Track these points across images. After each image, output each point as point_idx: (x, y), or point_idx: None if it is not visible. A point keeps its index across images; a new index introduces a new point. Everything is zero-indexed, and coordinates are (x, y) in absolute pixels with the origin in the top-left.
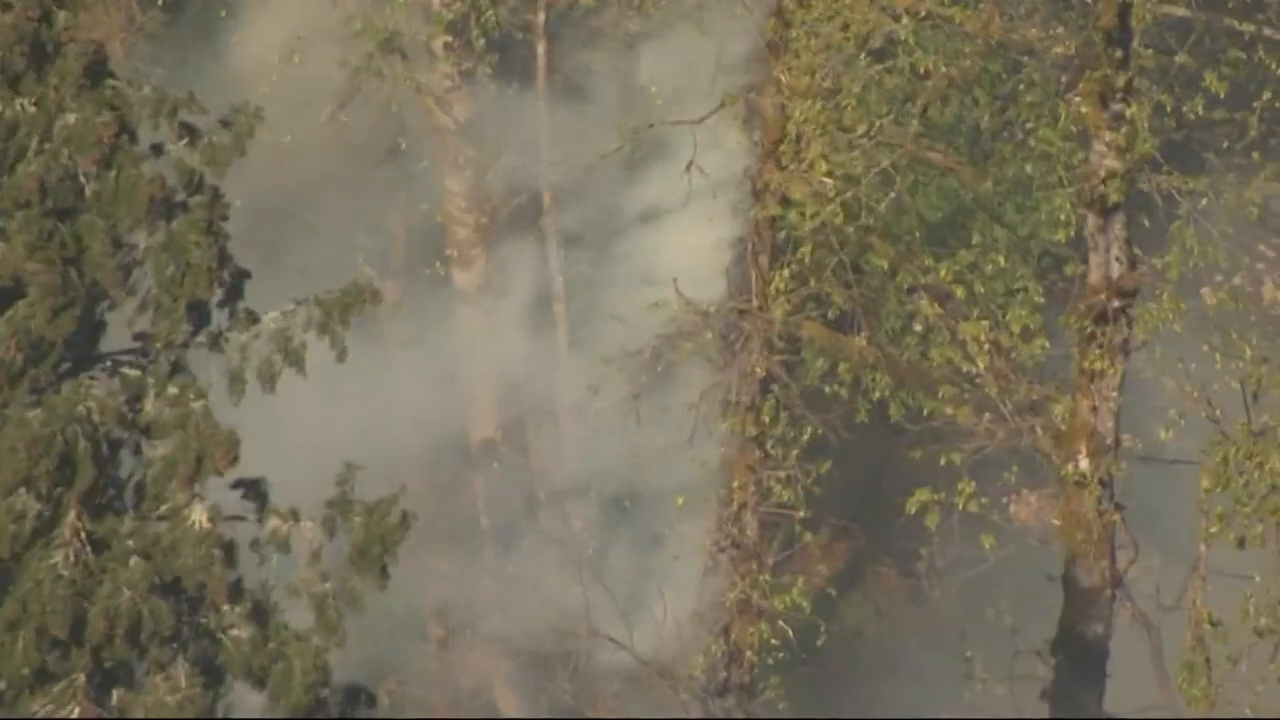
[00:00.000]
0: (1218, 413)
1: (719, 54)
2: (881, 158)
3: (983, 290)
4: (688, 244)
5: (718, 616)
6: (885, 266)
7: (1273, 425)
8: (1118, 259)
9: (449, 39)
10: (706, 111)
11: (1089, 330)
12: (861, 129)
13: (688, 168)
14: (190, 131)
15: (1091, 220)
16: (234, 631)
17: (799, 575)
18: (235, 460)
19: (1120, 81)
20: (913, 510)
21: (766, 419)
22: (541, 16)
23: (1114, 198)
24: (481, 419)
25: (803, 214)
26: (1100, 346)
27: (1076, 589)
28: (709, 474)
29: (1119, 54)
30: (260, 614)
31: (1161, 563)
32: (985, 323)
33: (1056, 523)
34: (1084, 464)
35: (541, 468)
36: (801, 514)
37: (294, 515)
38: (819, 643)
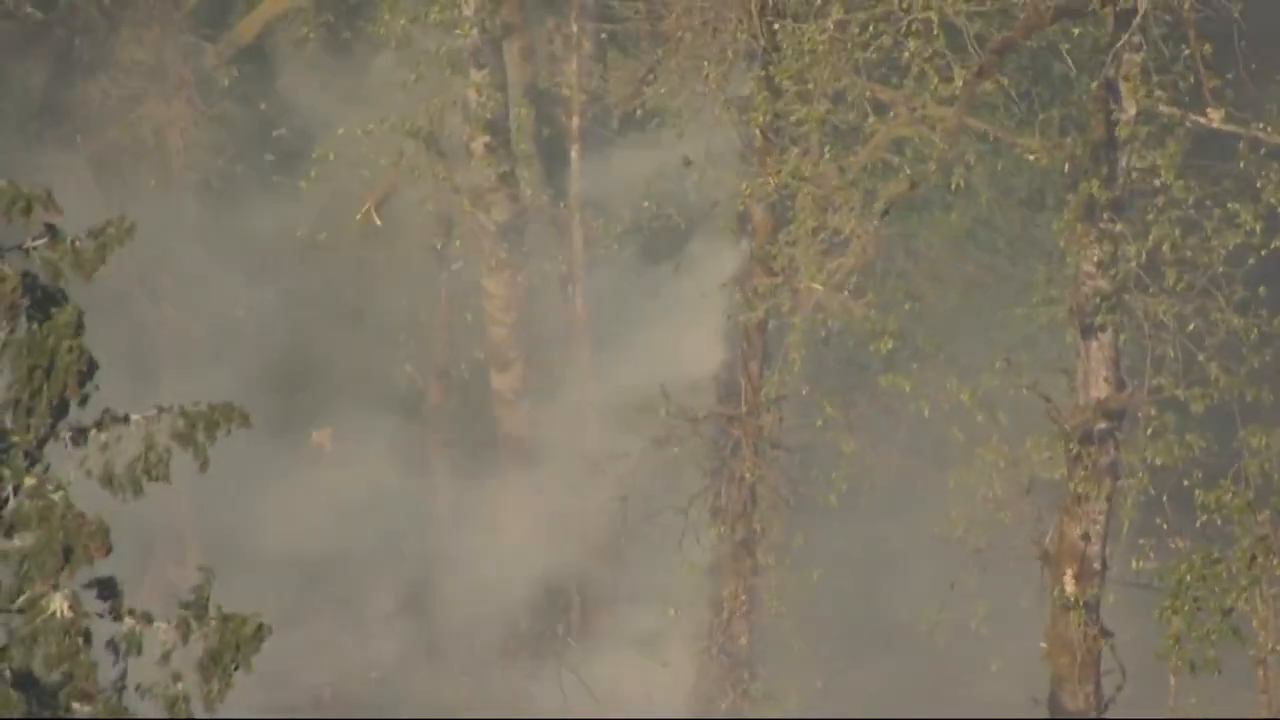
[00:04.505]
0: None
1: (705, 156)
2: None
3: (1005, 421)
4: (678, 346)
5: None
6: (908, 389)
7: (1229, 556)
8: (1105, 379)
9: (488, 139)
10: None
11: (1075, 452)
12: (850, 227)
13: (675, 269)
14: (51, 231)
15: (1078, 339)
16: None
17: (791, 684)
18: (109, 550)
19: (1105, 198)
20: (926, 626)
21: (757, 527)
22: (576, 120)
23: (1101, 318)
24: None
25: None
26: (1085, 469)
27: (1062, 712)
28: (698, 579)
29: (1105, 169)
30: (112, 714)
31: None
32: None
33: (1043, 645)
34: (1070, 587)
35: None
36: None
37: (147, 617)
38: None
